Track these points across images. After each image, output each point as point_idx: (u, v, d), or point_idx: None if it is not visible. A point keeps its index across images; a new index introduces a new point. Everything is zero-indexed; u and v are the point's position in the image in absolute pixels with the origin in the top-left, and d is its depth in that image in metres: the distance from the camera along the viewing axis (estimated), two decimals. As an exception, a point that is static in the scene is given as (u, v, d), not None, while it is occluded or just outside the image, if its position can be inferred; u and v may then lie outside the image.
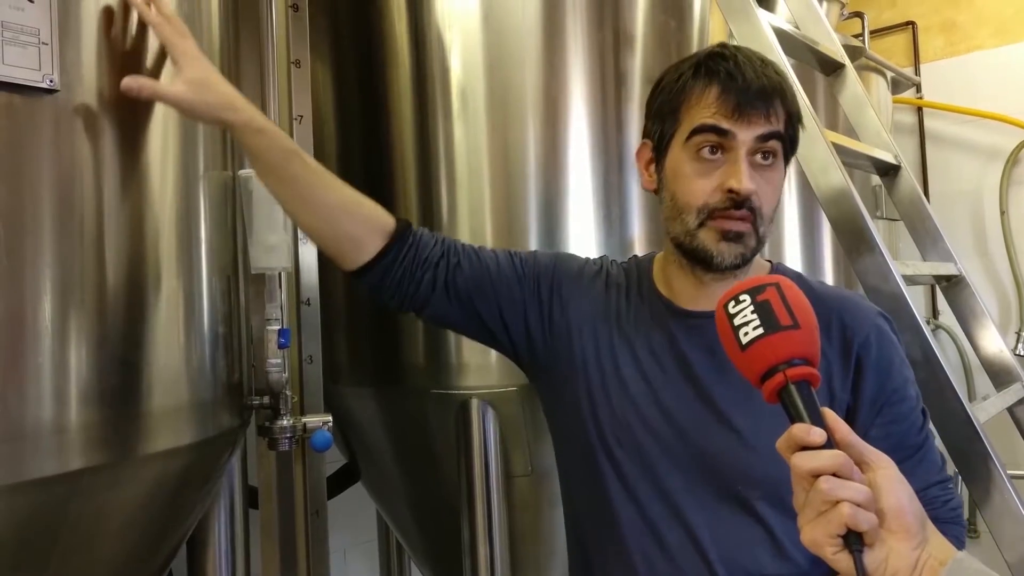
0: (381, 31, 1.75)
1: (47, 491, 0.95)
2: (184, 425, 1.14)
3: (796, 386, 0.72)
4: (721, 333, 0.77)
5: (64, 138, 0.98)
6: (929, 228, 1.78)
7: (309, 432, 1.42)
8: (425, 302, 1.14)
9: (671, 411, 1.05)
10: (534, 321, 1.14)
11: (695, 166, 1.00)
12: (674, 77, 1.04)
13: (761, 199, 0.99)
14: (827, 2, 2.82)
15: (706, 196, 0.99)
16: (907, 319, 1.42)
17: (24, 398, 0.92)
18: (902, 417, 1.03)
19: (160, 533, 1.21)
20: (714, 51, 1.02)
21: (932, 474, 1.04)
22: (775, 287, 0.75)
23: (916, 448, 1.04)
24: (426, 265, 1.12)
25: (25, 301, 0.93)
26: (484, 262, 1.14)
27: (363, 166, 1.83)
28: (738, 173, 0.97)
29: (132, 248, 1.06)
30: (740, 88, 0.97)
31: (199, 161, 1.20)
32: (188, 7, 1.18)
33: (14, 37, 0.91)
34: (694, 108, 1.00)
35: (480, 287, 1.12)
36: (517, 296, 1.13)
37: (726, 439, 1.02)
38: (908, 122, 3.51)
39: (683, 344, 1.06)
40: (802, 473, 0.69)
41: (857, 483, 0.68)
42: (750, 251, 1.01)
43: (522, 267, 1.15)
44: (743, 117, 0.97)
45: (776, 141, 0.99)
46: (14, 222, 0.92)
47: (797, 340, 0.73)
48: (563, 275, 1.15)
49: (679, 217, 1.01)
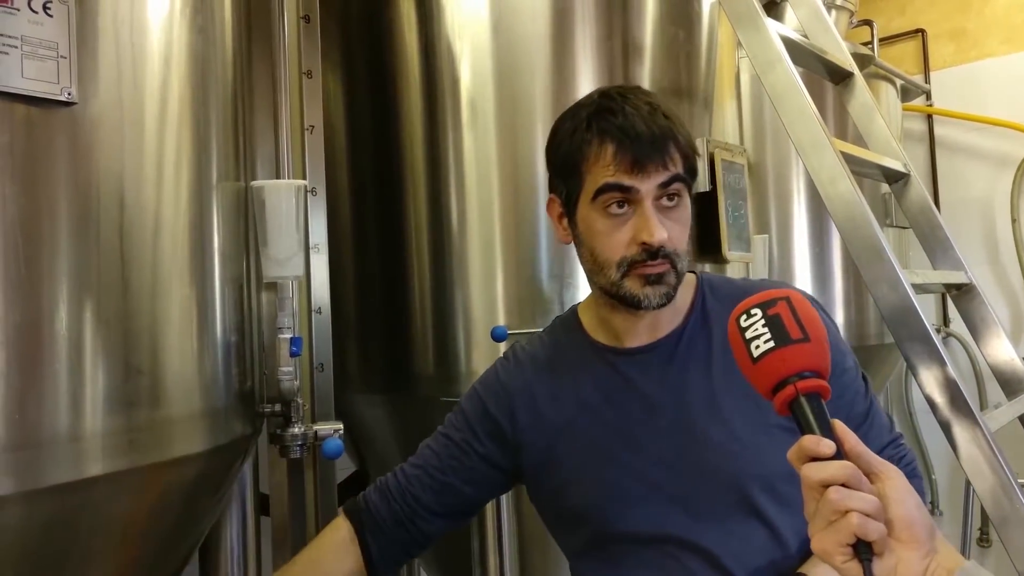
0: (391, 41, 1.76)
1: (63, 498, 0.96)
2: (197, 433, 1.15)
3: (807, 398, 0.73)
4: (734, 346, 0.79)
5: (81, 150, 0.99)
6: (939, 236, 1.77)
7: (320, 439, 1.43)
8: (432, 537, 1.19)
9: (650, 450, 1.06)
10: (500, 459, 1.16)
11: (606, 223, 1.03)
12: (568, 131, 1.06)
13: (674, 241, 1.02)
14: (836, 10, 2.82)
15: (623, 250, 1.02)
16: (917, 328, 1.41)
17: (41, 406, 0.93)
18: (844, 388, 1.06)
19: (173, 539, 1.22)
20: (602, 105, 1.04)
21: (884, 435, 1.08)
22: (786, 301, 0.77)
23: (864, 415, 1.08)
24: (401, 527, 1.16)
25: (42, 310, 0.94)
26: (430, 471, 1.17)
27: (374, 175, 1.84)
28: (648, 226, 1.00)
29: (146, 257, 1.08)
30: (634, 143, 1.00)
31: (212, 172, 1.21)
32: (202, 19, 1.20)
33: (33, 51, 0.93)
34: (594, 167, 1.02)
35: (445, 487, 1.16)
36: (470, 462, 1.16)
37: (712, 454, 1.04)
38: (918, 130, 3.50)
39: (636, 381, 1.09)
40: (812, 483, 0.71)
41: (866, 493, 0.70)
42: (672, 288, 1.04)
43: (457, 434, 1.17)
44: (642, 171, 1.00)
45: (678, 183, 1.03)
46: (32, 232, 0.93)
47: (808, 353, 0.74)
48: (492, 401, 1.17)
49: (602, 271, 1.05)
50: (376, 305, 1.84)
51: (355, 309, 1.84)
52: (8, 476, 0.90)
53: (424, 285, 1.72)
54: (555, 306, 1.62)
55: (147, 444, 1.06)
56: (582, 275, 1.65)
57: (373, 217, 1.84)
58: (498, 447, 1.16)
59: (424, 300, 1.72)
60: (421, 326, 1.72)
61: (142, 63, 1.08)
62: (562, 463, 1.11)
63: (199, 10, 1.19)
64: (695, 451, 1.04)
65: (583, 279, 1.65)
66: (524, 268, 1.65)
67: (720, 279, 1.18)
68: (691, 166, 1.06)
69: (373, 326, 1.84)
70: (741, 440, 1.03)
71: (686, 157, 1.04)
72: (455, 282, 1.68)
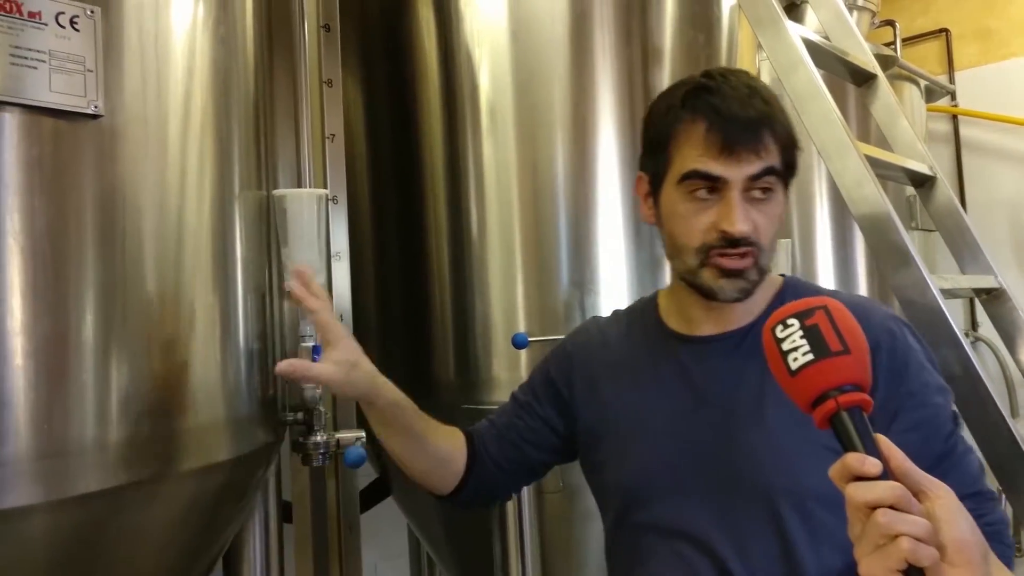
0: (411, 49, 1.77)
1: (89, 507, 0.97)
2: (221, 441, 1.16)
3: (848, 413, 0.70)
4: (769, 358, 0.75)
5: (106, 161, 1.00)
6: (968, 240, 1.75)
7: (342, 448, 1.43)
8: (499, 489, 1.27)
9: (688, 442, 1.05)
10: (557, 423, 1.20)
11: (689, 207, 1.00)
12: (663, 109, 1.04)
13: (759, 234, 0.99)
14: (857, 11, 2.80)
15: (702, 236, 0.99)
16: (946, 333, 1.39)
17: (68, 415, 0.94)
18: (922, 423, 0.99)
19: (197, 548, 1.22)
20: (699, 83, 1.01)
21: (964, 486, 0.97)
22: (824, 310, 0.74)
23: (941, 458, 0.98)
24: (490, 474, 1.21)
25: (69, 320, 0.95)
26: (498, 426, 1.23)
27: (394, 183, 1.85)
28: (730, 215, 0.97)
29: (170, 267, 1.09)
30: (726, 124, 0.96)
31: (235, 180, 1.22)
32: (224, 30, 1.21)
33: (60, 65, 0.94)
34: (683, 147, 1.00)
35: (509, 443, 1.21)
36: (533, 423, 1.21)
37: (744, 460, 1.01)
38: (943, 130, 3.46)
39: (692, 371, 1.07)
40: (857, 504, 0.67)
41: (916, 516, 0.66)
42: (752, 284, 1.01)
43: (523, 396, 1.23)
44: (732, 156, 0.96)
45: (771, 176, 0.99)
46: (59, 243, 0.95)
47: (848, 365, 0.71)
48: (555, 367, 1.21)
49: (679, 256, 1.03)
50: (397, 312, 1.84)
51: (376, 316, 1.85)
52: (36, 485, 0.91)
53: (444, 292, 1.73)
54: (575, 313, 1.61)
55: (172, 453, 1.07)
56: (603, 282, 1.65)
57: (393, 224, 1.85)
58: (556, 411, 1.19)
59: (444, 307, 1.72)
60: (442, 333, 1.73)
61: (166, 74, 1.09)
62: (607, 438, 1.12)
63: (221, 21, 1.20)
64: (730, 453, 1.02)
65: (604, 286, 1.65)
66: (544, 275, 1.65)
67: (808, 286, 1.13)
68: (790, 159, 1.01)
69: (394, 333, 1.84)
70: (779, 451, 0.99)
71: (784, 148, 1.00)
72: (475, 289, 1.68)
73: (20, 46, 0.91)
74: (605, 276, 1.64)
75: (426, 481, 1.22)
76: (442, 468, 1.19)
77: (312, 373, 1.09)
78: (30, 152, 0.92)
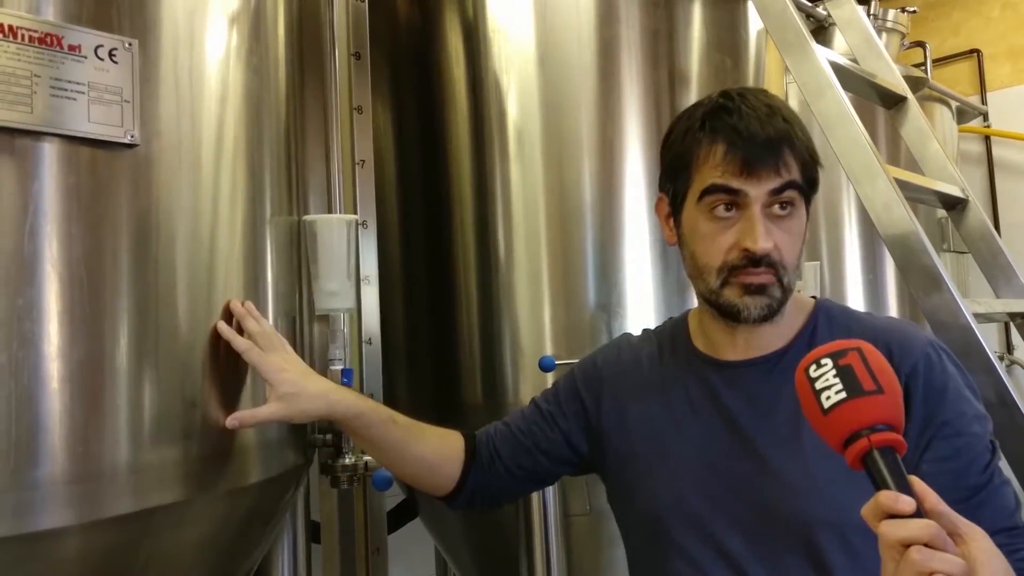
0: (440, 76, 1.79)
1: (122, 529, 0.98)
2: (251, 464, 1.17)
3: (880, 452, 0.70)
4: (802, 397, 0.76)
5: (141, 189, 1.02)
6: (1001, 263, 1.72)
7: (371, 470, 1.44)
8: (501, 494, 1.24)
9: (720, 468, 1.03)
10: (578, 440, 1.19)
11: (710, 226, 1.00)
12: (682, 130, 1.04)
13: (782, 251, 0.98)
14: (887, 33, 2.78)
15: (724, 255, 0.99)
16: (980, 359, 1.37)
17: (102, 439, 0.96)
18: (957, 453, 0.96)
19: (226, 569, 1.23)
20: (718, 103, 1.01)
21: (1000, 520, 0.96)
22: (857, 352, 0.74)
23: (976, 489, 0.96)
24: (483, 470, 1.19)
25: (104, 345, 0.97)
26: (513, 430, 1.21)
27: (423, 207, 1.86)
28: (753, 232, 0.96)
29: (202, 292, 1.10)
30: (746, 144, 0.96)
31: (266, 207, 1.24)
32: (256, 59, 1.24)
33: (99, 96, 0.97)
34: (703, 167, 0.99)
35: (522, 449, 1.19)
36: (552, 434, 1.19)
37: (779, 487, 0.99)
38: (975, 151, 3.42)
39: (724, 395, 1.06)
40: (891, 542, 0.66)
41: (951, 555, 0.65)
42: (776, 302, 1.00)
43: (546, 405, 1.21)
44: (753, 174, 0.96)
45: (792, 191, 0.98)
46: (95, 270, 0.97)
47: (881, 405, 0.72)
48: (583, 383, 1.20)
49: (701, 276, 1.02)
50: (425, 336, 1.85)
51: (404, 340, 1.86)
52: (70, 508, 0.93)
53: (472, 316, 1.73)
54: (603, 336, 1.61)
55: (203, 475, 1.08)
56: (630, 305, 1.65)
57: (422, 249, 1.86)
58: (579, 428, 1.18)
59: (472, 331, 1.73)
60: (469, 356, 1.73)
61: (199, 104, 1.11)
62: (636, 461, 1.11)
63: (254, 51, 1.23)
64: (764, 481, 1.00)
65: (631, 309, 1.65)
66: (571, 298, 1.65)
67: (841, 309, 1.11)
68: (810, 176, 1.01)
69: (422, 357, 1.85)
70: (815, 480, 0.97)
71: (805, 165, 0.99)
72: (503, 313, 1.68)
73: (60, 78, 0.94)
74: (632, 299, 1.64)
75: (417, 485, 1.22)
76: (431, 472, 1.19)
77: (259, 417, 1.11)
78: (68, 181, 0.95)
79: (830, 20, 2.40)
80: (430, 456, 1.18)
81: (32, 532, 0.90)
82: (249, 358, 1.11)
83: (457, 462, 1.18)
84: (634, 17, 1.69)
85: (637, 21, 1.69)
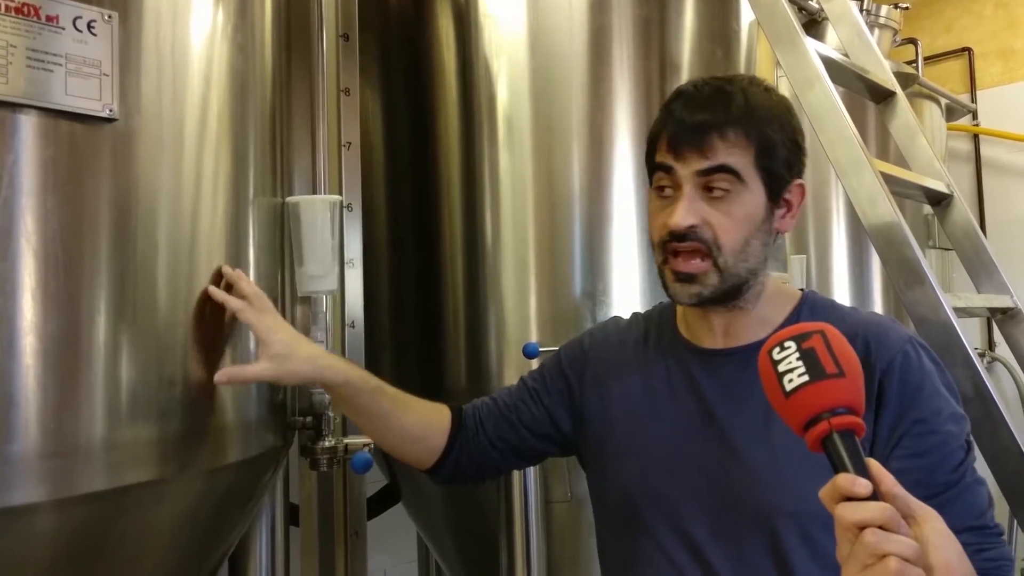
0: (430, 59, 1.78)
1: (96, 506, 0.98)
2: (229, 444, 1.17)
3: (840, 435, 0.71)
4: (764, 379, 0.76)
5: (120, 164, 1.01)
6: (984, 260, 1.73)
7: (350, 453, 1.44)
8: (486, 467, 1.23)
9: (691, 453, 1.04)
10: (561, 418, 1.20)
11: (655, 204, 1.04)
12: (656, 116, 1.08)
13: (715, 230, 0.99)
14: (879, 29, 2.79)
15: (659, 231, 1.02)
16: (958, 353, 1.38)
17: (76, 415, 0.95)
18: (928, 451, 0.96)
19: (203, 549, 1.23)
20: (680, 89, 1.05)
21: (969, 517, 0.94)
22: (820, 335, 0.74)
23: (945, 487, 0.95)
24: (468, 441, 1.20)
25: (80, 321, 0.96)
26: (499, 405, 1.22)
27: (410, 191, 1.86)
28: (675, 207, 0.99)
29: (183, 270, 1.10)
30: (676, 125, 1.00)
31: (249, 187, 1.23)
32: (242, 37, 1.22)
33: (77, 69, 0.95)
34: (658, 149, 1.04)
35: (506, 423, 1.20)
36: (536, 410, 1.20)
37: (746, 476, 1.00)
38: (964, 149, 3.43)
39: (702, 382, 1.07)
40: (847, 524, 0.67)
41: (905, 537, 0.66)
42: (710, 289, 1.01)
43: (532, 383, 1.23)
44: (679, 154, 1.00)
45: (724, 174, 0.99)
46: (71, 244, 0.96)
47: (842, 388, 0.72)
48: (569, 362, 1.21)
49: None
50: (410, 320, 1.85)
51: (389, 324, 1.85)
52: (42, 484, 0.92)
53: (457, 301, 1.73)
54: (587, 323, 1.61)
55: (180, 454, 1.08)
56: (616, 293, 1.65)
57: (408, 233, 1.86)
58: (563, 406, 1.19)
59: (457, 316, 1.73)
60: (454, 342, 1.73)
61: (182, 80, 1.10)
62: (613, 442, 1.12)
63: (239, 28, 1.22)
64: (732, 470, 1.01)
65: (617, 297, 1.65)
66: (557, 285, 1.65)
67: (827, 302, 1.11)
68: (763, 163, 1.00)
69: (406, 341, 1.85)
70: (781, 470, 0.98)
71: (760, 151, 0.99)
72: (488, 299, 1.68)
73: (37, 49, 0.92)
74: (618, 287, 1.64)
75: (400, 456, 1.22)
76: (415, 444, 1.19)
77: (247, 374, 1.12)
78: (44, 154, 0.93)
79: (822, 14, 2.41)
80: (416, 427, 1.18)
81: (4, 507, 0.90)
82: (244, 317, 1.11)
83: (442, 435, 1.19)
84: (626, 5, 1.68)
85: (629, 9, 1.68)
